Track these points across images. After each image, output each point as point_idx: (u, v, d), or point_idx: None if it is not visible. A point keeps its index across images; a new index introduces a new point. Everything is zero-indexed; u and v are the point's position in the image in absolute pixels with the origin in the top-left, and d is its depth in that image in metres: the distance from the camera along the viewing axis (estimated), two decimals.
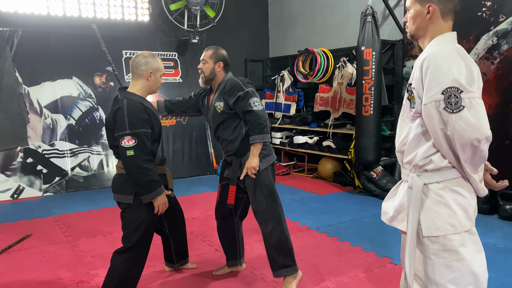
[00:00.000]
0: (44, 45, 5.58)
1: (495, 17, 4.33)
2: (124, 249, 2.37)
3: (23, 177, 5.31)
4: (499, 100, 4.34)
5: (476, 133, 1.42)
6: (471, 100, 1.43)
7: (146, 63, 2.42)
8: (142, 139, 2.27)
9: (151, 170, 2.30)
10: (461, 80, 1.43)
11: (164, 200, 2.38)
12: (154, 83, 2.46)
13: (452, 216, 1.53)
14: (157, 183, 2.32)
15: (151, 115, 2.37)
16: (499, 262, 3.11)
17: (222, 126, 2.74)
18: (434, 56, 1.49)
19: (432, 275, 1.56)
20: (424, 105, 1.50)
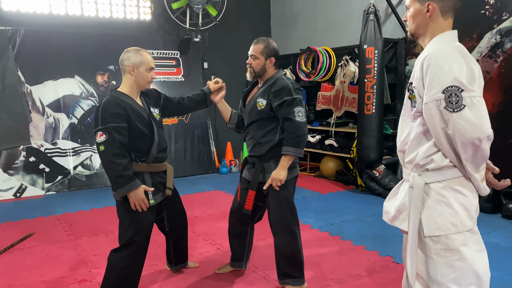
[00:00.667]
0: (47, 44, 5.59)
1: (498, 15, 4.31)
2: (119, 247, 2.38)
3: (26, 176, 5.32)
4: (502, 99, 4.32)
5: (477, 132, 1.41)
6: (472, 99, 1.42)
7: (128, 58, 2.44)
8: (112, 134, 2.28)
9: (121, 164, 2.26)
10: (461, 79, 1.43)
11: (139, 197, 2.32)
12: (139, 77, 2.44)
13: (453, 216, 1.52)
14: (127, 178, 2.27)
15: (127, 109, 2.36)
16: (502, 261, 3.10)
17: (256, 124, 2.58)
18: (435, 55, 1.48)
19: (434, 275, 1.55)
20: (424, 104, 1.49)
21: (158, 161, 2.54)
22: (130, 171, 2.31)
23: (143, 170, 2.45)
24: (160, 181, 2.55)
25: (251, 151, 2.64)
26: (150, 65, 2.46)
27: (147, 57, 2.46)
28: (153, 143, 2.48)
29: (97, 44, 5.92)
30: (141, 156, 2.44)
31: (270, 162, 2.55)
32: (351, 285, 2.79)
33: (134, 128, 2.38)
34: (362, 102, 4.96)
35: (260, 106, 2.54)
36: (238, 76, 7.14)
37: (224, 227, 3.97)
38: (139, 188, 2.33)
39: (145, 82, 2.47)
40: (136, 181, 2.32)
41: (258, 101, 2.56)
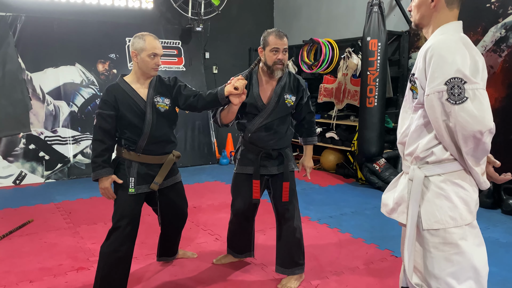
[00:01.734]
0: (47, 31, 5.55)
1: (503, 9, 4.26)
2: (108, 233, 2.40)
3: (25, 163, 5.32)
4: (506, 94, 4.29)
5: (479, 125, 1.38)
6: (474, 91, 1.39)
7: (132, 43, 2.42)
8: (98, 119, 2.36)
9: (95, 150, 2.35)
10: (465, 71, 1.40)
11: (104, 186, 2.36)
12: (142, 63, 2.37)
13: (452, 209, 1.50)
14: (96, 165, 2.33)
15: (118, 98, 2.36)
16: (501, 257, 3.09)
17: (280, 120, 2.58)
18: (438, 46, 1.46)
19: (431, 268, 1.54)
20: (426, 96, 1.47)
21: (149, 153, 2.45)
22: (103, 159, 2.35)
23: (131, 159, 2.43)
24: (148, 173, 2.46)
25: (274, 145, 2.59)
26: (152, 50, 2.35)
27: (150, 42, 2.36)
28: (142, 135, 2.40)
29: (98, 32, 5.88)
30: (130, 144, 2.42)
31: (286, 150, 2.69)
32: (349, 278, 2.79)
33: (122, 116, 2.38)
34: (364, 95, 4.93)
35: (289, 102, 2.57)
36: (240, 66, 7.10)
37: (223, 218, 3.97)
38: (106, 177, 2.36)
39: (148, 69, 2.37)
40: (105, 170, 2.34)
41: (286, 97, 2.56)
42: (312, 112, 2.71)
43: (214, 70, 6.90)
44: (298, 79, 2.65)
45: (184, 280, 2.75)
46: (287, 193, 2.59)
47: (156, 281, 2.74)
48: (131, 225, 2.42)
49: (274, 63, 2.48)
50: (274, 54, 2.48)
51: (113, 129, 2.38)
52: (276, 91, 2.56)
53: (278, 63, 2.48)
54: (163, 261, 2.97)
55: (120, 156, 2.45)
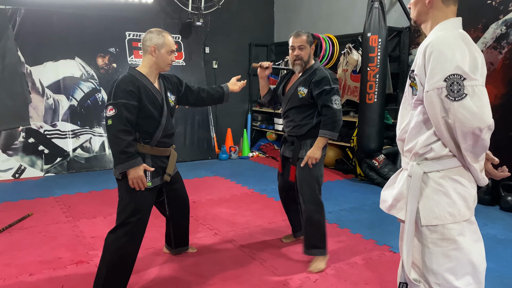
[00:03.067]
0: (47, 24, 5.53)
1: (504, 6, 4.25)
2: (116, 227, 2.38)
3: (25, 157, 5.32)
4: (506, 91, 4.29)
5: (478, 121, 1.39)
6: (474, 88, 1.40)
7: (150, 38, 2.46)
8: (120, 110, 2.29)
9: (125, 140, 2.28)
10: (464, 67, 1.40)
11: (138, 175, 2.32)
12: (160, 59, 2.47)
13: (451, 205, 1.51)
14: (129, 155, 2.28)
15: (141, 88, 2.37)
16: (499, 253, 3.11)
17: (296, 109, 2.88)
18: (438, 42, 1.46)
19: (430, 264, 1.55)
20: (426, 92, 1.47)
21: (162, 145, 2.53)
22: (133, 148, 2.32)
23: (145, 152, 2.45)
24: (161, 165, 2.55)
25: (290, 131, 2.94)
26: (172, 47, 2.49)
27: (169, 39, 2.48)
28: (159, 126, 2.48)
29: (98, 26, 5.86)
30: (145, 137, 2.44)
31: (307, 140, 2.87)
32: (347, 273, 2.80)
33: (144, 108, 2.39)
34: (364, 91, 4.93)
35: (301, 94, 2.83)
36: (240, 61, 7.09)
37: (222, 213, 3.98)
38: (140, 166, 2.33)
39: (165, 64, 2.49)
40: (138, 159, 2.33)
41: (299, 89, 2.84)
42: (329, 107, 2.77)
43: (214, 65, 6.89)
44: (316, 74, 2.81)
45: (184, 275, 2.76)
46: (293, 175, 2.91)
47: (156, 275, 2.75)
48: (142, 221, 2.43)
49: (293, 60, 2.86)
50: (292, 52, 2.85)
51: (134, 120, 2.37)
52: (294, 84, 2.89)
53: (296, 59, 2.84)
54: (180, 252, 3.03)
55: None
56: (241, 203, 4.29)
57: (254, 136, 7.29)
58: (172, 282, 2.67)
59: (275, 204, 4.26)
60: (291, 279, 2.70)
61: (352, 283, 2.67)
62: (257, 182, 5.07)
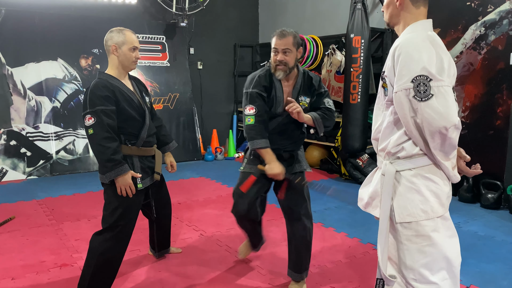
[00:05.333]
0: (29, 25, 5.45)
1: (483, 7, 4.35)
2: (102, 230, 2.36)
3: (6, 159, 5.23)
4: (485, 91, 4.38)
5: (443, 121, 1.43)
6: (439, 88, 1.44)
7: (111, 37, 2.42)
8: (100, 117, 2.25)
9: (109, 148, 2.24)
10: (430, 69, 1.45)
11: (127, 182, 2.29)
12: (123, 57, 2.40)
13: (424, 203, 1.55)
14: (116, 163, 2.25)
15: (116, 92, 2.34)
16: (479, 249, 3.18)
17: (296, 124, 2.48)
18: (406, 44, 1.51)
19: (405, 260, 1.59)
20: (395, 93, 1.52)
21: (147, 145, 2.53)
22: (120, 155, 2.29)
23: (132, 154, 2.43)
24: (149, 165, 2.54)
25: (287, 147, 2.52)
26: (133, 44, 2.42)
27: (130, 36, 2.42)
28: (144, 127, 2.46)
29: (81, 27, 5.80)
30: (130, 139, 2.42)
31: (299, 151, 2.60)
32: (331, 271, 2.83)
33: (123, 111, 2.36)
34: (348, 92, 4.98)
35: (304, 105, 2.47)
36: (225, 62, 7.10)
37: (208, 214, 3.98)
38: (127, 173, 2.30)
39: (129, 62, 2.43)
40: (125, 166, 2.30)
41: (301, 99, 2.46)
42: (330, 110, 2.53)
43: (199, 65, 6.88)
44: (311, 78, 2.49)
45: (170, 276, 2.76)
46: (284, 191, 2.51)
47: (141, 277, 2.74)
48: (129, 225, 2.41)
49: (275, 64, 2.37)
50: (275, 55, 2.36)
51: (116, 124, 2.33)
52: (294, 93, 2.45)
53: (279, 64, 2.35)
54: (164, 254, 3.01)
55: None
56: (227, 204, 4.29)
57: (240, 137, 7.30)
58: (158, 283, 2.67)
59: None
60: (276, 279, 2.72)
61: (336, 281, 2.70)
62: None
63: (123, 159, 2.32)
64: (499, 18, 4.24)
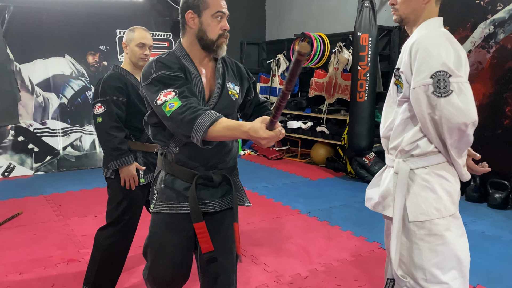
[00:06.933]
0: (36, 22, 5.47)
1: (492, 6, 4.31)
2: (106, 225, 2.37)
3: (14, 155, 5.27)
4: (493, 89, 4.35)
5: (464, 117, 1.42)
6: (459, 84, 1.43)
7: (124, 36, 2.48)
8: (110, 106, 2.26)
9: (117, 137, 2.25)
10: (449, 64, 1.44)
11: (131, 173, 2.29)
12: (131, 54, 2.42)
13: (437, 201, 1.54)
14: (122, 152, 2.26)
15: (128, 85, 2.34)
16: (486, 249, 3.16)
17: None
18: (423, 40, 1.49)
19: (417, 260, 1.57)
20: (412, 89, 1.50)
21: (152, 141, 2.51)
22: (126, 146, 2.30)
23: (136, 149, 2.42)
24: (152, 161, 2.51)
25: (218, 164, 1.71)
26: (140, 40, 2.41)
27: (139, 33, 2.43)
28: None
29: (88, 23, 5.81)
30: (135, 134, 2.42)
31: (234, 175, 1.79)
32: (337, 270, 2.83)
33: (132, 104, 2.37)
34: (355, 90, 4.96)
35: (234, 95, 1.73)
36: None
37: None
38: (132, 164, 2.31)
39: (136, 59, 2.42)
40: (130, 156, 2.31)
41: (230, 87, 1.72)
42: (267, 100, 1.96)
43: None
44: (236, 63, 1.84)
45: None
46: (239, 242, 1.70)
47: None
48: (134, 219, 2.41)
49: (219, 36, 1.64)
50: (219, 22, 1.63)
51: (124, 116, 2.34)
52: (218, 80, 1.70)
53: (225, 35, 1.66)
54: None
55: None
56: None
57: None
58: None
59: (266, 202, 4.28)
60: (282, 276, 2.72)
61: (342, 279, 2.70)
62: (249, 180, 5.08)
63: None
64: (508, 16, 4.21)
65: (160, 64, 1.62)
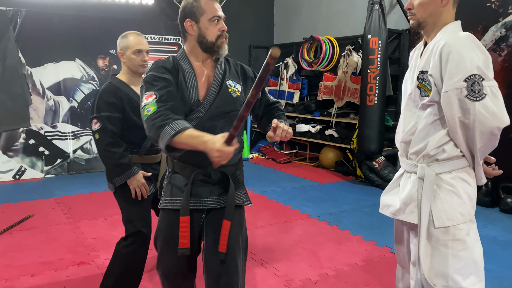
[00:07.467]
0: (48, 26, 5.53)
1: (504, 8, 4.27)
2: (128, 236, 2.34)
3: (25, 158, 5.32)
4: (505, 93, 4.29)
5: (497, 121, 1.42)
6: (491, 88, 1.43)
7: (118, 44, 2.38)
8: (105, 123, 2.24)
9: (116, 153, 2.23)
10: (483, 68, 1.42)
11: (140, 182, 2.27)
12: (129, 62, 2.35)
13: (462, 205, 1.53)
14: (124, 167, 2.24)
15: (124, 99, 2.29)
16: (499, 255, 3.12)
17: (226, 121, 1.74)
18: (455, 43, 1.46)
19: (438, 267, 1.54)
20: (444, 93, 1.47)
21: (151, 153, 2.44)
22: (126, 159, 2.27)
23: (134, 162, 2.36)
24: (152, 172, 2.44)
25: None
26: (135, 47, 2.33)
27: (133, 39, 2.35)
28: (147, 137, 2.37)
29: (98, 28, 5.86)
30: (133, 147, 2.36)
31: (237, 172, 1.82)
32: (348, 274, 2.81)
33: (128, 119, 2.31)
34: (364, 93, 4.94)
35: (235, 92, 1.78)
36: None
37: None
38: (138, 173, 2.29)
39: (135, 67, 2.35)
40: (133, 168, 2.28)
41: (230, 85, 1.78)
42: (279, 102, 2.01)
43: None
44: (241, 65, 1.95)
45: None
46: (226, 239, 1.68)
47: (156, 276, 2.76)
48: (148, 228, 2.38)
49: (218, 36, 1.75)
50: (216, 25, 1.75)
51: (119, 132, 2.30)
52: (216, 77, 1.77)
53: (223, 35, 1.77)
54: None
55: None
56: None
57: (254, 138, 7.30)
58: None
59: (275, 206, 4.27)
60: (292, 281, 2.71)
61: (352, 284, 2.68)
62: (257, 184, 5.08)
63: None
64: None
65: (153, 66, 1.73)
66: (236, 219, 1.74)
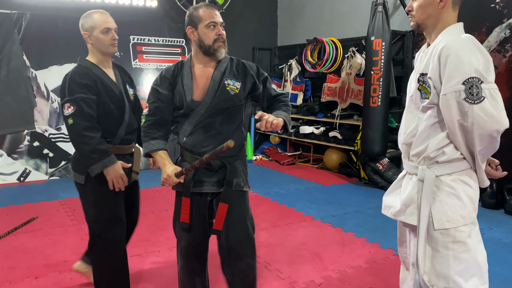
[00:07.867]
0: (52, 29, 5.56)
1: (508, 9, 4.25)
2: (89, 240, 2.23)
3: (30, 160, 5.35)
4: (509, 94, 4.28)
5: (496, 124, 1.41)
6: (490, 91, 1.42)
7: (81, 26, 2.19)
8: (80, 105, 2.04)
9: (93, 138, 2.05)
10: (481, 71, 1.42)
11: (118, 173, 2.10)
12: (97, 43, 2.16)
13: (462, 208, 1.52)
14: (102, 153, 2.06)
15: (97, 82, 2.12)
16: (504, 257, 3.10)
17: (226, 116, 2.00)
18: (454, 46, 1.46)
19: (440, 268, 1.55)
20: (443, 95, 1.47)
21: (125, 142, 2.27)
22: (105, 145, 2.09)
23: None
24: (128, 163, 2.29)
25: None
26: (103, 25, 2.16)
27: (98, 17, 2.17)
28: (122, 124, 2.20)
29: None
30: (107, 136, 2.17)
31: (237, 162, 2.07)
32: (352, 277, 2.80)
33: (102, 103, 2.13)
34: (368, 95, 4.94)
35: (233, 90, 1.99)
36: None
37: None
38: (117, 163, 2.10)
39: (105, 47, 2.17)
40: (112, 156, 2.10)
41: (228, 83, 1.99)
42: (284, 93, 2.16)
43: None
44: (243, 62, 2.09)
45: None
46: (222, 219, 1.98)
47: (163, 277, 2.76)
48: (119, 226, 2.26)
49: (214, 40, 1.98)
50: (213, 30, 1.98)
51: (96, 115, 2.11)
52: (214, 77, 1.99)
53: (220, 40, 2.00)
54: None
55: None
56: None
57: (258, 140, 7.30)
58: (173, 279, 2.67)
59: (278, 207, 4.27)
60: (295, 283, 2.70)
61: (356, 286, 2.67)
62: (261, 186, 5.08)
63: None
64: None
65: (158, 76, 2.05)
66: (236, 199, 2.02)
